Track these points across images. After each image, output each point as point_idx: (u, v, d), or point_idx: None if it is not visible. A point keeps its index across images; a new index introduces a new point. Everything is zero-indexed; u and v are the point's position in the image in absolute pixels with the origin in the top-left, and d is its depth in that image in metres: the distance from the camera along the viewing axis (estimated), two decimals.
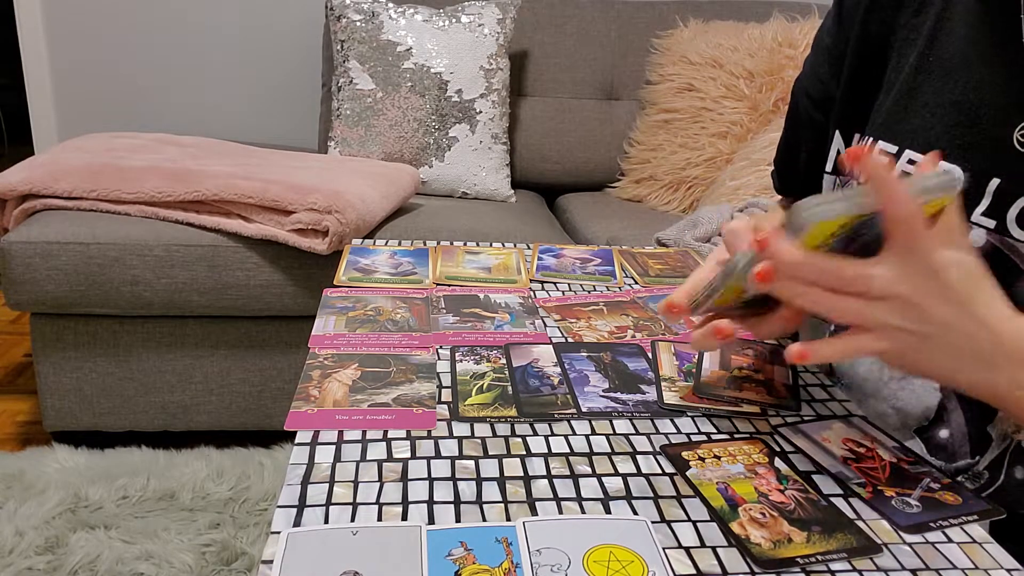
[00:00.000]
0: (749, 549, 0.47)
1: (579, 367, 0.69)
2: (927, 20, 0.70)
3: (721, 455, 0.57)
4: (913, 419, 0.70)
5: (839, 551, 0.47)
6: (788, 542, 0.48)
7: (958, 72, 0.67)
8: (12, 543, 1.42)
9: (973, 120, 0.65)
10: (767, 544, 0.48)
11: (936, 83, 0.68)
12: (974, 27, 0.67)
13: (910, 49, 0.71)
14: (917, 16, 0.71)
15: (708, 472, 0.55)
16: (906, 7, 0.72)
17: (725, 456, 0.57)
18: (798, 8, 2.28)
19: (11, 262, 1.59)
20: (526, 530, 0.47)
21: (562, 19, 2.31)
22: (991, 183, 0.64)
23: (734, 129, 2.12)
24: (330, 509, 0.49)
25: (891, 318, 0.51)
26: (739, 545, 0.48)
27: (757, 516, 0.50)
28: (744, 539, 0.48)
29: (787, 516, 0.51)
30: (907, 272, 0.50)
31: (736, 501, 0.52)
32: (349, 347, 0.69)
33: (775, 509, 0.51)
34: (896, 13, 0.73)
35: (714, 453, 0.58)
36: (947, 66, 0.68)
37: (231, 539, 1.46)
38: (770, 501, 0.52)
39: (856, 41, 0.76)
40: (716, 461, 0.56)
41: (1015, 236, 0.63)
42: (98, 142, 1.87)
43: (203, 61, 2.43)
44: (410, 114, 2.07)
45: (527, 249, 0.99)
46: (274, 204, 1.60)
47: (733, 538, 0.48)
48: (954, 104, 0.66)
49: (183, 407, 1.77)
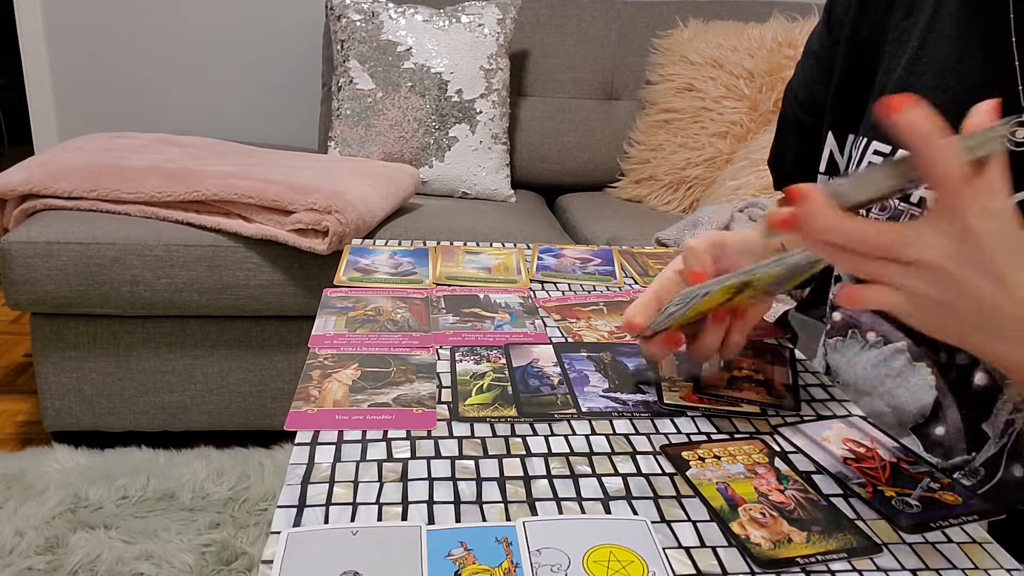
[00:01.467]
0: (749, 549, 0.47)
1: (579, 367, 0.69)
2: (919, 22, 0.71)
3: (721, 455, 0.57)
4: (909, 416, 0.71)
5: (839, 551, 0.47)
6: (788, 542, 0.48)
7: (949, 73, 0.68)
8: (12, 543, 1.42)
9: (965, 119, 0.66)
10: (767, 544, 0.48)
11: (929, 83, 0.69)
12: (964, 28, 0.68)
13: (901, 50, 0.72)
14: (908, 18, 0.72)
15: (708, 472, 0.55)
16: (897, 9, 0.73)
17: (725, 456, 0.57)
18: (798, 8, 2.28)
19: (11, 262, 1.59)
20: (526, 530, 0.47)
21: (562, 19, 2.31)
22: None
23: (734, 129, 2.12)
24: (330, 509, 0.49)
25: (924, 286, 0.49)
26: (739, 545, 0.48)
27: (757, 516, 0.50)
28: (744, 539, 0.48)
29: (787, 516, 0.51)
30: (947, 242, 0.48)
31: (736, 501, 0.52)
32: (349, 347, 0.69)
33: (775, 509, 0.51)
34: (887, 15, 0.74)
35: (714, 453, 0.57)
36: (939, 67, 0.68)
37: (231, 539, 1.46)
38: (770, 501, 0.52)
39: (847, 43, 0.77)
40: (716, 461, 0.56)
41: None
42: (98, 142, 1.87)
43: (203, 61, 2.43)
44: (410, 114, 2.07)
45: (527, 249, 0.99)
46: (274, 204, 1.60)
47: (733, 538, 0.48)
48: (946, 104, 0.67)
49: (183, 407, 1.77)
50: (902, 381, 0.72)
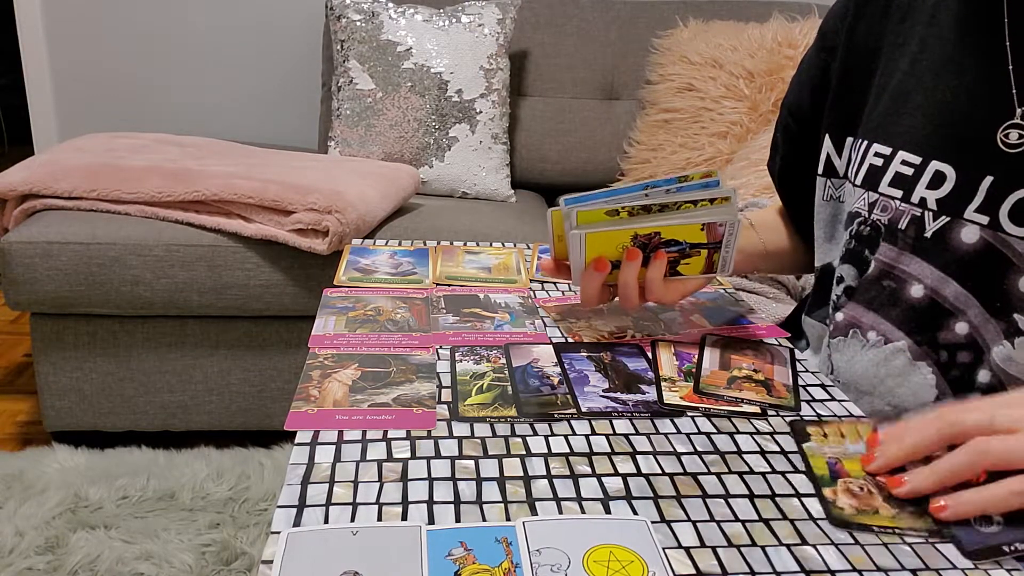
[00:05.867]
0: (830, 509, 0.49)
1: (579, 367, 0.69)
2: (916, 26, 0.73)
3: (847, 434, 0.58)
4: None
5: (920, 530, 0.49)
6: (874, 513, 0.50)
7: (947, 75, 0.69)
8: (12, 543, 1.42)
9: (962, 121, 0.67)
10: (850, 510, 0.49)
11: (927, 86, 0.70)
12: (961, 31, 0.69)
13: (899, 53, 0.73)
14: (903, 23, 0.74)
15: (826, 448, 0.56)
16: (892, 15, 0.75)
17: (851, 436, 0.58)
18: (798, 8, 2.28)
19: (11, 262, 1.59)
20: (526, 530, 0.47)
21: (562, 19, 2.31)
22: (984, 181, 0.65)
23: (734, 129, 2.12)
24: (330, 509, 0.49)
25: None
26: (824, 507, 0.50)
27: (854, 489, 0.51)
28: (832, 502, 0.50)
29: (884, 495, 0.52)
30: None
31: (839, 473, 0.53)
32: (349, 347, 0.69)
33: (875, 487, 0.52)
34: (883, 20, 0.76)
35: (840, 432, 0.58)
36: (937, 69, 0.70)
37: (231, 539, 1.46)
38: (875, 481, 0.53)
39: (843, 52, 0.79)
40: (840, 439, 0.57)
41: (1008, 231, 0.64)
42: (98, 142, 1.87)
43: (203, 61, 2.43)
44: (410, 114, 2.07)
45: (527, 249, 0.99)
46: (274, 204, 1.60)
47: (820, 499, 0.50)
48: (944, 105, 0.68)
49: (183, 407, 1.78)
50: (903, 380, 0.72)
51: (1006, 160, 0.64)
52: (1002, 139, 0.65)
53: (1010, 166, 0.64)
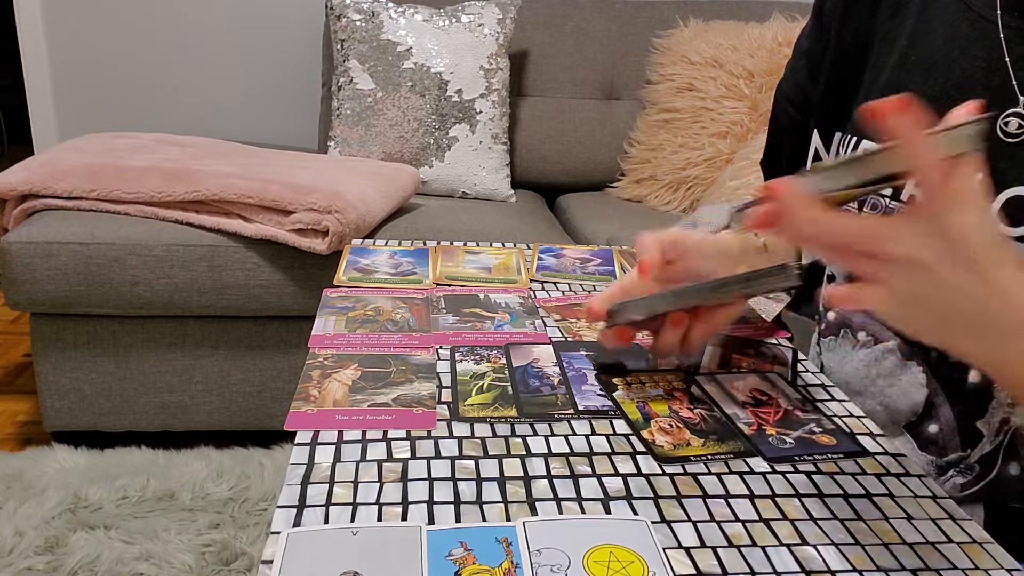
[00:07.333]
0: (653, 450, 0.56)
1: (579, 367, 0.69)
2: (906, 20, 0.72)
3: (646, 381, 0.66)
4: (901, 415, 0.71)
5: (727, 453, 0.57)
6: (687, 445, 0.57)
7: (939, 68, 0.68)
8: (12, 543, 1.42)
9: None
10: (668, 447, 0.57)
11: (918, 80, 0.69)
12: (952, 24, 0.68)
13: (889, 48, 0.73)
14: (893, 18, 0.73)
15: (632, 394, 0.64)
16: (882, 10, 0.74)
17: (649, 383, 0.66)
18: (798, 8, 2.29)
19: (11, 262, 1.59)
20: (526, 530, 0.47)
21: (562, 19, 2.31)
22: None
23: (734, 129, 2.12)
24: (330, 509, 0.48)
25: (904, 282, 0.48)
26: (646, 447, 0.57)
27: (665, 426, 0.60)
28: (651, 443, 0.57)
29: (691, 428, 0.59)
30: (928, 238, 0.47)
31: (650, 415, 0.61)
32: (349, 347, 0.69)
33: (681, 422, 0.60)
34: (873, 15, 0.75)
35: (640, 380, 0.67)
36: (928, 63, 0.69)
37: (231, 539, 1.46)
38: (679, 416, 0.61)
39: (834, 44, 0.78)
40: (641, 386, 0.65)
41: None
42: (98, 142, 1.87)
43: (203, 61, 2.43)
44: (410, 114, 2.07)
45: (527, 249, 0.98)
46: (274, 204, 1.60)
47: (642, 442, 0.57)
48: (936, 99, 0.68)
49: (183, 407, 1.77)
50: (893, 380, 0.72)
51: (1001, 151, 0.64)
52: (1001, 127, 0.64)
53: (1008, 157, 0.63)
